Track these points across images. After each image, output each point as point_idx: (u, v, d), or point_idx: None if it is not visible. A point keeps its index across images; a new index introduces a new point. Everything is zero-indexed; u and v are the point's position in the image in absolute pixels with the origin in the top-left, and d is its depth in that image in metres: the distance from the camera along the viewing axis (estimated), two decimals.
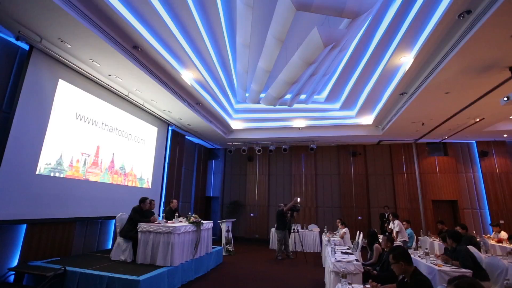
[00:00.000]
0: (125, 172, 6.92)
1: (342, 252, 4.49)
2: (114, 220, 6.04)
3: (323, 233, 7.73)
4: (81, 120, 5.62)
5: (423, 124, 8.07)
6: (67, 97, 5.30)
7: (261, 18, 5.15)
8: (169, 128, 9.08)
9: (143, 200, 5.50)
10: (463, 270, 3.59)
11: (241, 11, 4.29)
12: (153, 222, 5.12)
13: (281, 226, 7.76)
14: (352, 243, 6.69)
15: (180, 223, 5.38)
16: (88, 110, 5.80)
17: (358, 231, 7.11)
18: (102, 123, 6.20)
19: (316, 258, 7.75)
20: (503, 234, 6.90)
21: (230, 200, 11.66)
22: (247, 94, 6.91)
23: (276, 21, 4.09)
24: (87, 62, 5.26)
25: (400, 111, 7.24)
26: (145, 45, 5.00)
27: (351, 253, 4.45)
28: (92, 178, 5.87)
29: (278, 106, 6.90)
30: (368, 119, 8.91)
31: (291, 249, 8.30)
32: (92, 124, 5.92)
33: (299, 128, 9.70)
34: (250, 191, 11.60)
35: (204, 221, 6.05)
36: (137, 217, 5.21)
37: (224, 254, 7.53)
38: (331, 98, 8.18)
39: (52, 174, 4.95)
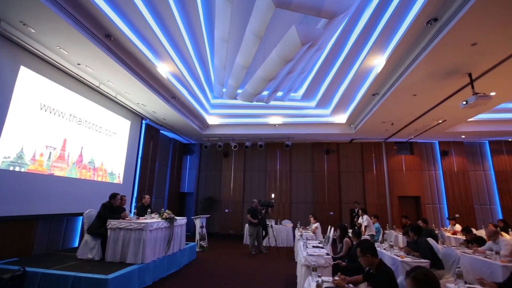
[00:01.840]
0: (94, 166, 6.61)
1: (313, 246, 4.64)
2: (81, 217, 5.77)
3: (296, 228, 7.93)
4: (46, 111, 5.27)
5: (392, 124, 8.51)
6: (30, 86, 4.93)
7: (240, 13, 5.11)
8: (143, 122, 8.78)
9: (113, 196, 5.30)
10: (422, 260, 3.87)
11: (220, 5, 4.23)
12: (124, 219, 4.95)
13: (253, 222, 7.85)
14: (324, 238, 6.93)
15: (153, 220, 5.26)
16: (54, 100, 5.45)
17: (329, 226, 7.37)
18: (70, 115, 5.86)
19: (289, 253, 7.94)
20: (458, 227, 7.52)
21: (205, 196, 11.57)
22: (224, 90, 6.86)
23: (255, 17, 4.09)
24: (54, 49, 4.92)
25: (372, 111, 7.57)
26: (119, 34, 4.78)
27: (322, 247, 4.62)
28: (57, 173, 5.55)
29: (255, 103, 6.91)
30: (342, 118, 9.21)
31: (265, 244, 8.43)
32: (59, 116, 5.57)
33: (275, 125, 9.81)
34: (225, 187, 11.57)
35: (177, 217, 5.95)
36: (106, 214, 5.01)
37: (197, 250, 7.47)
38: (307, 96, 8.35)
39: (11, 169, 4.61)
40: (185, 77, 6.66)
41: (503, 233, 5.58)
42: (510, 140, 10.38)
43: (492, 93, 5.69)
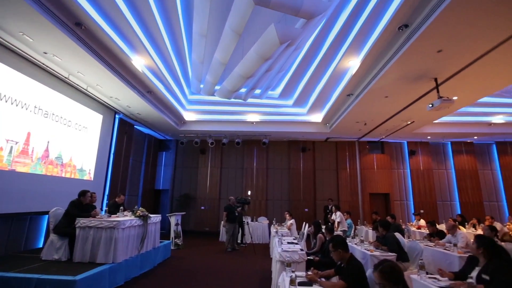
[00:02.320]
0: (62, 162, 6.26)
1: (288, 243, 4.74)
2: (47, 216, 5.44)
3: (272, 225, 8.04)
4: (6, 102, 4.89)
5: (365, 124, 8.86)
6: None
7: (219, 8, 5.05)
8: (117, 116, 8.44)
9: (83, 193, 5.05)
10: (390, 254, 4.10)
11: None
12: (94, 217, 4.74)
13: (230, 219, 7.85)
14: (298, 234, 7.09)
15: (125, 217, 5.09)
16: (16, 91, 5.07)
17: (304, 222, 7.56)
18: (35, 107, 5.49)
19: (264, 249, 8.03)
20: (422, 222, 8.03)
21: (181, 193, 11.37)
22: (201, 86, 6.76)
23: (234, 13, 4.07)
24: (16, 36, 4.57)
25: (347, 111, 7.83)
26: (91, 23, 4.54)
27: (296, 243, 4.73)
28: (20, 168, 5.19)
29: (232, 100, 6.89)
30: (318, 117, 9.44)
31: (241, 241, 8.47)
32: (22, 107, 5.20)
33: (252, 123, 9.84)
34: (202, 184, 11.45)
35: (152, 215, 5.81)
36: (75, 212, 4.76)
37: (172, 248, 7.35)
38: (284, 94, 8.45)
39: None
40: (161, 71, 6.48)
41: (460, 227, 6.04)
42: (469, 141, 11.22)
43: (455, 97, 6.10)
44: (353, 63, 5.86)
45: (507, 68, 5.11)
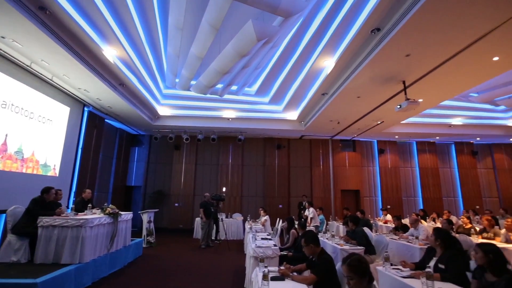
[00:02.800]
0: (23, 157, 5.83)
1: (262, 238, 4.80)
2: (4, 215, 5.04)
3: (246, 221, 8.10)
4: None
5: (338, 122, 9.16)
6: None
7: (196, 1, 4.95)
8: (86, 109, 7.99)
9: (46, 190, 4.73)
10: (358, 247, 4.30)
11: None
12: (59, 215, 4.47)
13: (205, 215, 7.80)
14: (272, 230, 7.21)
15: (94, 215, 4.86)
16: None
17: (278, 218, 7.69)
18: None
19: (239, 246, 8.07)
20: (389, 217, 8.50)
21: (154, 189, 11.06)
22: (177, 80, 6.60)
23: (212, 7, 4.01)
24: None
25: (321, 109, 8.03)
26: (56, 8, 4.24)
27: (270, 239, 4.81)
28: None
29: (208, 95, 6.80)
30: (293, 115, 9.60)
31: (215, 238, 8.45)
32: None
33: (228, 119, 9.79)
34: (176, 180, 11.22)
35: (122, 212, 5.61)
36: (37, 210, 4.46)
37: (144, 246, 7.15)
38: (261, 91, 8.49)
39: None
40: (134, 63, 6.22)
41: (422, 221, 6.47)
42: (431, 141, 12.01)
43: (420, 100, 6.49)
44: (328, 63, 6.01)
45: (466, 74, 5.53)
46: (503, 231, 4.94)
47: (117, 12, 4.80)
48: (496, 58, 4.89)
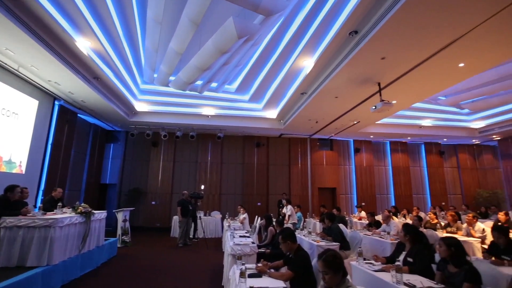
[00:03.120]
0: None
1: (240, 236, 4.82)
2: None
3: (225, 219, 8.08)
4: None
5: (317, 122, 9.36)
6: None
7: None
8: (56, 103, 7.57)
9: (10, 189, 4.44)
10: (334, 243, 4.44)
11: None
12: (24, 215, 4.22)
13: (183, 214, 7.70)
14: (251, 227, 7.25)
15: (64, 214, 4.64)
16: None
17: (257, 216, 7.74)
18: None
19: (217, 244, 8.04)
20: (363, 213, 8.83)
21: (130, 187, 10.71)
22: (155, 75, 6.43)
23: (192, 2, 3.94)
24: None
25: (300, 108, 8.16)
26: None
27: (248, 237, 4.83)
28: None
29: (188, 92, 6.69)
30: (272, 113, 9.67)
31: (193, 236, 8.36)
32: None
33: (208, 116, 9.68)
34: (153, 178, 10.95)
35: (96, 211, 5.39)
36: (0, 210, 4.18)
37: (119, 246, 6.92)
38: (241, 89, 8.48)
39: None
40: (110, 56, 5.97)
41: (393, 217, 6.79)
42: (404, 141, 12.61)
43: (394, 101, 6.79)
44: (307, 63, 6.11)
45: (436, 78, 5.86)
46: (464, 225, 5.32)
47: (91, 2, 4.58)
48: (461, 64, 5.23)
